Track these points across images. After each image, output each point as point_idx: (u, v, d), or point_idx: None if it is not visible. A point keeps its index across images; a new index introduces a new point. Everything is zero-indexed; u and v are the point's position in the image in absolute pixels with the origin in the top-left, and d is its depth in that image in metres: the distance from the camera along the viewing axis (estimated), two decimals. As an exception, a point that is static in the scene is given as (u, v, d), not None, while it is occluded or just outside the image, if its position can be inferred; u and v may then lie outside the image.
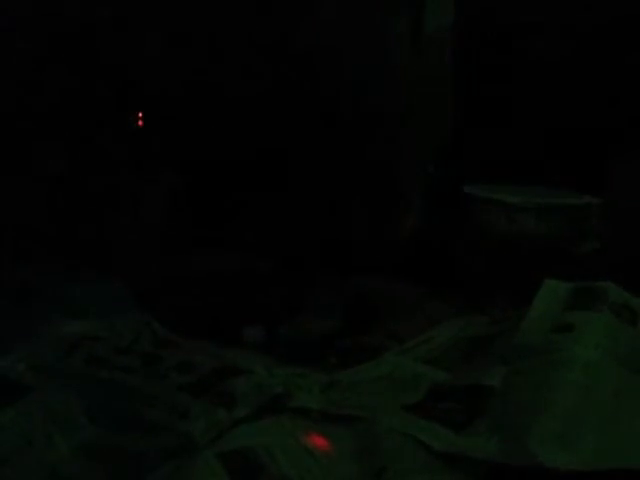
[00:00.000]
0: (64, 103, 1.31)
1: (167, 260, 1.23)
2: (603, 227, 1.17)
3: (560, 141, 1.37)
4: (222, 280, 1.14)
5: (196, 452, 0.69)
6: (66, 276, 1.13)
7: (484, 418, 0.70)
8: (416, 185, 1.39)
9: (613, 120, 1.33)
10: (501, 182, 1.28)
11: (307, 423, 0.73)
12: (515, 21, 1.40)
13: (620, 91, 1.34)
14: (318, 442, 0.70)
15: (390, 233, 1.34)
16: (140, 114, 1.36)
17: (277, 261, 1.22)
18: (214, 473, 0.65)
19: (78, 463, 0.72)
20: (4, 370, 0.87)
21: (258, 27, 1.30)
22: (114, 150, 1.34)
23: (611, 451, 0.64)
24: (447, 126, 1.42)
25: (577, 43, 1.36)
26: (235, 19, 1.31)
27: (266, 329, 1.02)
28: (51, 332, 0.96)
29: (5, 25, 1.27)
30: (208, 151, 1.34)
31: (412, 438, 0.68)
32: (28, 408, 0.79)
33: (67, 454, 0.73)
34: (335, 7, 1.32)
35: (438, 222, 1.31)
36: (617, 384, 0.71)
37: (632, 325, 0.80)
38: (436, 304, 1.08)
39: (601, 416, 0.67)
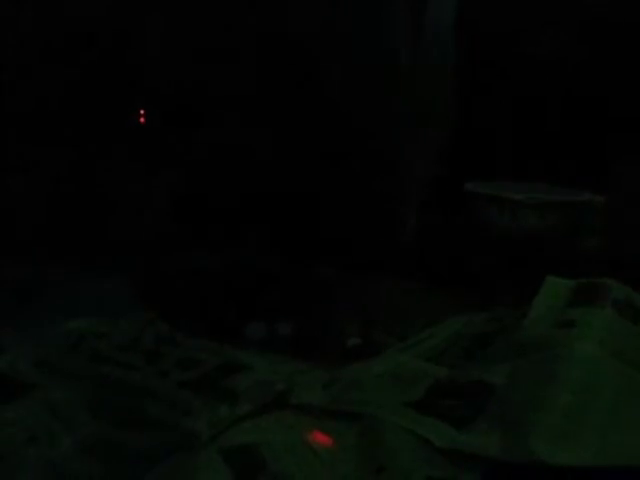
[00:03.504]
0: (65, 102, 1.31)
1: (169, 258, 1.23)
2: (605, 224, 1.17)
3: (562, 139, 1.37)
4: (224, 277, 1.15)
5: (198, 448, 0.69)
6: (68, 274, 1.13)
7: (486, 415, 0.70)
8: (417, 185, 1.39)
9: (615, 118, 1.33)
10: (502, 179, 1.28)
11: (309, 420, 0.74)
12: (517, 19, 1.40)
13: (622, 90, 1.34)
14: (320, 438, 0.70)
15: (390, 232, 1.34)
16: (142, 113, 1.36)
17: (280, 259, 1.22)
18: (216, 469, 0.65)
19: (80, 459, 0.72)
20: (7, 367, 0.87)
21: (248, 21, 1.31)
22: (115, 149, 1.34)
23: (612, 448, 0.64)
24: (449, 124, 1.42)
25: (579, 41, 1.36)
26: (231, 17, 1.31)
27: (268, 326, 1.02)
28: (54, 329, 0.96)
29: (6, 24, 1.27)
30: (210, 150, 1.34)
31: (414, 435, 0.68)
32: (31, 405, 0.79)
33: (69, 450, 0.73)
34: (334, 9, 1.32)
35: (440, 220, 1.31)
36: (618, 381, 0.71)
37: (634, 322, 0.80)
38: (438, 301, 1.08)
39: (602, 413, 0.67)
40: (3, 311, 1.00)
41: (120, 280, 1.12)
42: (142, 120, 1.36)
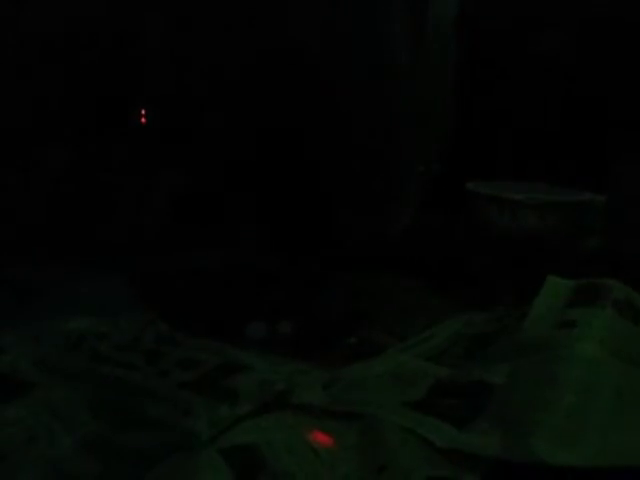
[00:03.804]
0: (66, 102, 1.31)
1: (169, 258, 1.23)
2: (605, 224, 1.17)
3: (562, 139, 1.37)
4: (224, 277, 1.15)
5: (198, 449, 0.69)
6: (68, 274, 1.13)
7: (486, 415, 0.70)
8: (412, 182, 1.39)
9: (616, 118, 1.33)
10: (502, 179, 1.28)
11: (309, 419, 0.73)
12: (517, 19, 1.40)
13: (622, 90, 1.34)
14: (320, 438, 0.70)
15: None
16: (142, 113, 1.36)
17: (277, 258, 1.22)
18: (217, 469, 0.65)
19: (80, 459, 0.72)
20: (7, 367, 0.87)
21: (254, 26, 1.31)
22: (115, 149, 1.34)
23: (613, 448, 0.64)
24: (449, 123, 1.42)
25: (579, 40, 1.36)
26: (232, 20, 1.31)
27: (268, 326, 1.02)
28: (54, 329, 0.96)
29: (7, 24, 1.27)
30: (208, 150, 1.34)
31: (414, 434, 0.68)
32: (31, 404, 0.79)
33: (69, 450, 0.73)
34: (335, 4, 1.32)
35: (441, 219, 1.31)
36: (619, 381, 0.71)
37: (635, 322, 0.80)
38: (438, 301, 1.08)
39: (603, 413, 0.67)
40: (3, 311, 1.00)
41: (120, 280, 1.12)
42: (142, 120, 1.36)
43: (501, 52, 1.40)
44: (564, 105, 1.37)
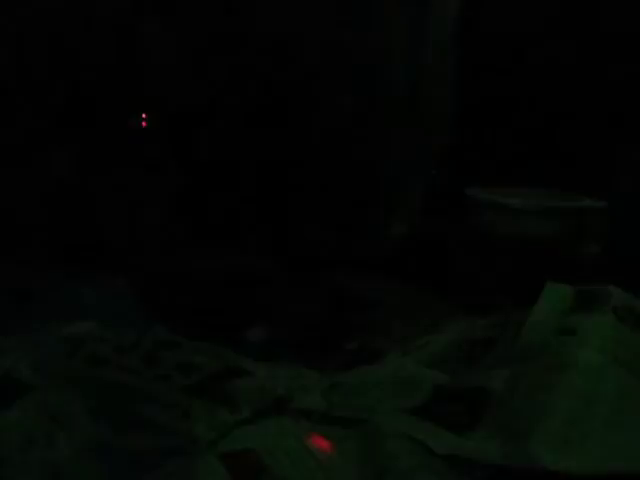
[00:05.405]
0: (65, 103, 1.31)
1: (169, 260, 1.23)
2: (606, 230, 1.17)
3: (562, 142, 1.37)
4: (224, 280, 1.15)
5: (197, 453, 0.69)
6: (67, 276, 1.13)
7: (486, 421, 0.70)
8: (410, 188, 1.39)
9: (616, 122, 1.33)
10: (502, 184, 1.28)
11: (309, 425, 0.73)
12: (517, 22, 1.40)
13: (623, 94, 1.34)
14: (320, 444, 0.70)
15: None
16: (142, 114, 1.37)
17: (276, 261, 1.22)
18: (215, 474, 0.65)
19: (79, 463, 0.72)
20: (5, 370, 0.87)
21: (253, 21, 1.31)
22: (115, 150, 1.34)
23: (613, 455, 0.64)
24: (447, 127, 1.42)
25: (578, 44, 1.36)
26: (231, 21, 1.31)
27: (268, 330, 1.02)
28: (52, 332, 0.96)
29: (7, 27, 1.27)
30: (209, 152, 1.34)
31: (414, 441, 0.68)
32: (29, 408, 0.79)
33: (68, 454, 0.73)
34: (335, 3, 1.32)
35: (439, 224, 1.31)
36: (619, 388, 0.71)
37: (635, 329, 0.80)
38: (438, 306, 1.08)
39: (603, 420, 0.67)
40: (2, 313, 1.00)
41: (121, 283, 1.12)
42: (143, 124, 1.36)
43: (503, 55, 1.40)
44: (566, 109, 1.37)
